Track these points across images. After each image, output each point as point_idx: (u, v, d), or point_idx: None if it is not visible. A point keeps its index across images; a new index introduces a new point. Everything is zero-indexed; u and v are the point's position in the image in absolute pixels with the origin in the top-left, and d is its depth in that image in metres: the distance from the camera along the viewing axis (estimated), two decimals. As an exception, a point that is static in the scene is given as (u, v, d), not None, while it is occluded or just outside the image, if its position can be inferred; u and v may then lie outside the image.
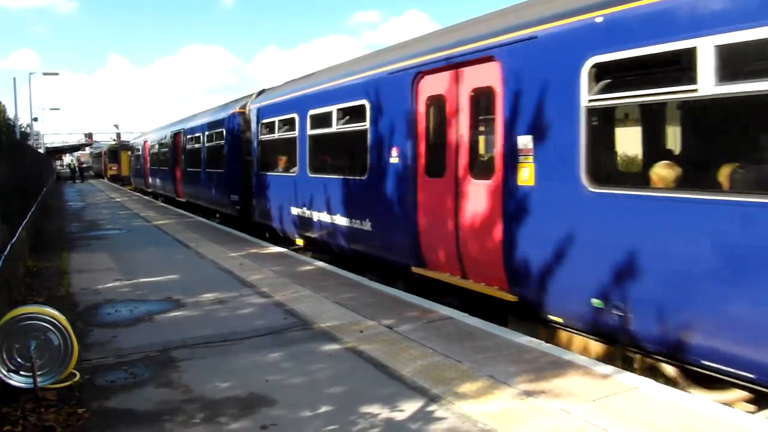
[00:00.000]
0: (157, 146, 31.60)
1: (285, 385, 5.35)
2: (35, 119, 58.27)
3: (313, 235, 12.56)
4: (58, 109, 78.80)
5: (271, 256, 12.23)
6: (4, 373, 5.20)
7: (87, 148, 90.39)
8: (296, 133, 13.05)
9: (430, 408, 4.80)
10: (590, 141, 6.21)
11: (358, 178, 10.58)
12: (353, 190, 10.79)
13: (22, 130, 56.04)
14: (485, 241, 7.66)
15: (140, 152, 37.97)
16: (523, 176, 6.96)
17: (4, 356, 5.21)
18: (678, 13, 5.36)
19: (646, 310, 5.64)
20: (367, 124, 10.13)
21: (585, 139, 6.19)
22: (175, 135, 26.35)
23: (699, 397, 5.08)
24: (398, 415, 4.68)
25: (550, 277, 6.66)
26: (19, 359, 5.23)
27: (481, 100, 7.98)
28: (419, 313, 7.59)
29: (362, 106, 10.29)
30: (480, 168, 8.00)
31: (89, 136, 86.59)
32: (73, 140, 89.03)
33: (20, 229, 11.44)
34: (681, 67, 5.38)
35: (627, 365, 6.14)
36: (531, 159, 6.86)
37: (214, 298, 8.62)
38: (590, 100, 6.13)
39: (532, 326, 7.24)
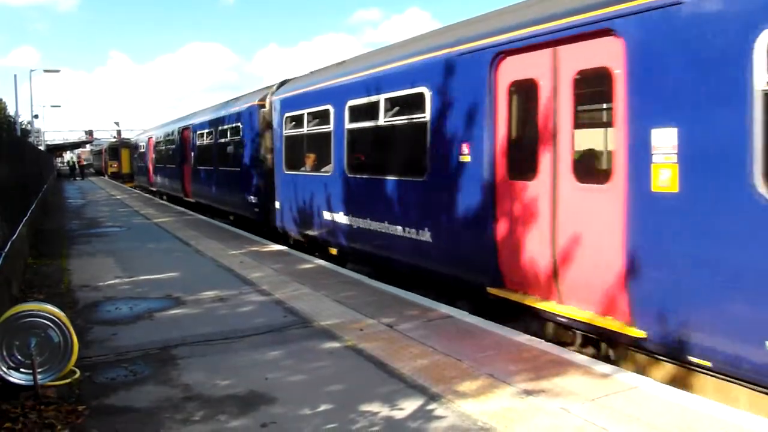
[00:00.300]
0: (162, 143, 30.03)
1: (285, 383, 5.35)
2: (36, 116, 58.36)
3: (351, 244, 11.11)
4: (59, 106, 79.60)
5: (271, 254, 12.22)
6: (5, 370, 5.20)
7: (87, 146, 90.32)
8: (331, 127, 11.42)
9: (430, 406, 4.80)
10: None
11: (414, 179, 9.03)
12: (407, 194, 9.21)
13: (23, 127, 56.04)
14: (598, 259, 6.22)
15: (144, 149, 36.52)
16: (661, 180, 5.51)
17: (5, 353, 5.21)
18: None
19: None
20: (426, 116, 8.61)
21: (761, 133, 4.82)
22: (183, 131, 24.88)
23: (699, 396, 5.07)
24: (398, 414, 4.68)
25: (703, 310, 5.28)
26: (19, 356, 5.23)
27: (590, 84, 6.67)
28: (419, 311, 7.59)
29: (420, 95, 8.74)
30: (589, 169, 6.72)
31: (90, 133, 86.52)
32: (73, 137, 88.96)
33: (21, 226, 11.43)
34: None
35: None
36: (674, 158, 5.40)
37: (214, 295, 8.62)
38: None
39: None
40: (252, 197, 16.23)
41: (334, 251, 11.97)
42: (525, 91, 7.27)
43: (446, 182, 8.28)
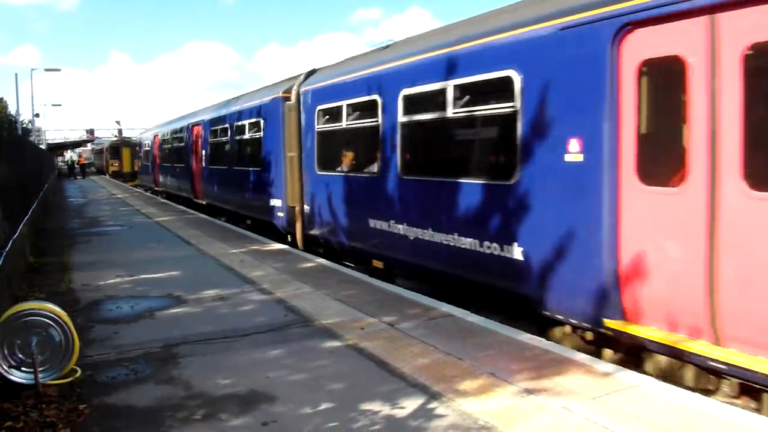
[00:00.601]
0: (169, 141, 27.82)
1: (286, 382, 5.35)
2: (37, 115, 58.39)
3: (403, 258, 9.54)
4: (60, 105, 79.80)
5: (272, 253, 12.22)
6: (6, 368, 5.20)
7: (89, 145, 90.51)
8: (378, 120, 9.85)
9: (431, 405, 4.80)
10: None
11: (497, 183, 7.53)
12: (487, 201, 7.66)
13: (24, 126, 56.07)
14: None
15: (149, 148, 34.37)
16: None
17: (6, 352, 5.21)
18: None
19: None
20: (516, 105, 7.10)
21: None
22: (193, 127, 22.99)
23: (700, 395, 5.06)
24: (399, 413, 4.68)
25: None
26: (20, 355, 5.24)
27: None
28: (420, 310, 7.59)
29: (506, 80, 7.22)
30: None
31: (91, 132, 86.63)
32: (74, 136, 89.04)
33: (21, 225, 11.44)
34: None
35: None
36: None
37: (215, 294, 8.62)
38: None
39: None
40: (275, 200, 14.63)
41: (378, 264, 10.46)
42: (664, 72, 5.89)
43: (545, 187, 6.80)
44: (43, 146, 55.02)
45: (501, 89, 7.33)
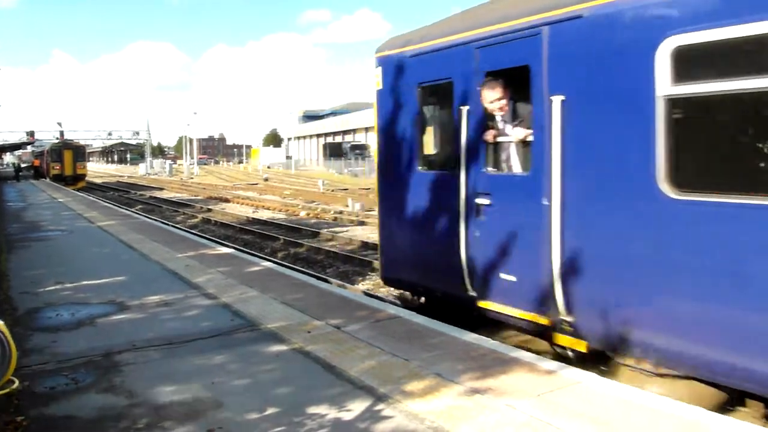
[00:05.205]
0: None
1: (231, 388, 5.29)
2: (-27, 117, 56.36)
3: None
4: (0, 105, 76.49)
5: (219, 257, 12.07)
6: (-63, 381, 5.01)
7: (29, 147, 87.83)
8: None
9: (378, 407, 4.81)
10: None
11: None
12: None
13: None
14: None
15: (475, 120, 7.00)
16: None
17: (-64, 364, 5.02)
18: None
19: None
20: None
21: None
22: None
23: (639, 390, 5.20)
24: (346, 415, 4.68)
25: None
26: (-48, 367, 5.04)
27: None
28: (367, 312, 7.60)
29: None
30: None
31: (31, 134, 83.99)
32: (13, 138, 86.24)
33: (-45, 231, 11.04)
34: None
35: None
36: None
37: (159, 300, 8.46)
38: None
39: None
40: None
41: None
42: None
43: None
44: (-21, 149, 53.13)
45: None
